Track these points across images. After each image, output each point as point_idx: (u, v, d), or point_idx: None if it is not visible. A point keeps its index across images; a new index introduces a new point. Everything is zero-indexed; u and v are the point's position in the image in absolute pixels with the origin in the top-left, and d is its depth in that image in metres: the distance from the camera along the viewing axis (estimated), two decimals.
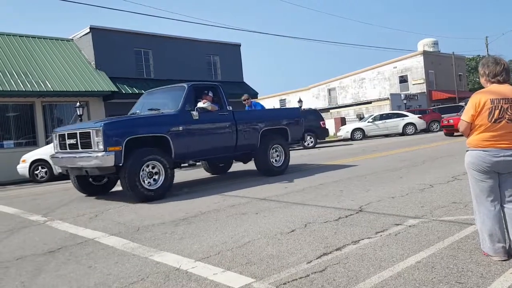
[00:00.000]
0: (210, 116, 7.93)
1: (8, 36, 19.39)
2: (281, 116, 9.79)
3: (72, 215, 6.16)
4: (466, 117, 3.08)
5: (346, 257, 3.33)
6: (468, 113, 3.06)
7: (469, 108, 3.05)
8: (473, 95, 3.10)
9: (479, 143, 3.06)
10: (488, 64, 3.09)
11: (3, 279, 3.46)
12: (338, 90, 44.47)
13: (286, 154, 9.40)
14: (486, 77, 3.11)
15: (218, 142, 8.11)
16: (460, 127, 3.17)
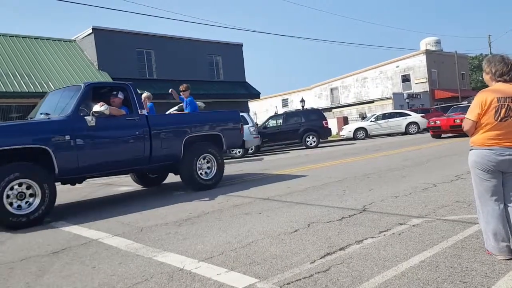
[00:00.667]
0: (113, 122, 6.62)
1: (11, 37, 19.45)
2: (214, 120, 8.25)
3: (75, 216, 6.18)
4: (471, 116, 3.05)
5: (349, 257, 3.33)
6: (474, 111, 3.03)
7: (475, 107, 3.03)
8: (479, 93, 3.08)
9: (484, 141, 3.04)
10: (495, 62, 3.06)
11: (8, 280, 3.47)
12: (340, 89, 44.43)
13: (219, 165, 8.04)
14: (491, 75, 3.09)
15: (123, 153, 6.73)
16: (465, 125, 3.13)
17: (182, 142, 7.47)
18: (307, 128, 19.66)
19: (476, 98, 3.07)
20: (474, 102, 3.06)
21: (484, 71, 3.18)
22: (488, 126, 3.01)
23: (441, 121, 16.93)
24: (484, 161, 3.05)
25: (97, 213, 6.27)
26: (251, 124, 17.15)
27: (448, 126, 16.58)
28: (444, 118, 17.09)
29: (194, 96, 10.37)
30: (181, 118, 8.28)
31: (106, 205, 7.00)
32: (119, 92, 7.00)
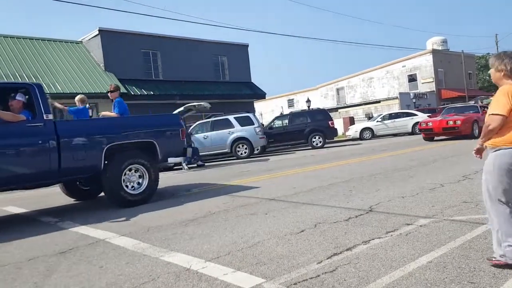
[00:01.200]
0: (7, 129, 5.69)
1: (18, 39, 19.60)
2: (146, 126, 7.18)
3: (83, 216, 6.21)
4: (503, 110, 2.80)
5: (356, 257, 3.32)
6: (506, 106, 2.79)
7: (504, 102, 2.81)
8: (504, 88, 2.88)
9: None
10: (510, 58, 2.91)
11: (16, 279, 3.49)
12: (346, 89, 44.32)
13: (151, 176, 6.94)
14: (505, 72, 2.92)
15: (22, 166, 5.79)
16: (493, 122, 2.84)
17: (102, 151, 6.42)
18: (313, 128, 19.61)
19: (502, 93, 2.85)
20: (500, 97, 2.85)
21: (494, 68, 2.99)
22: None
23: (433, 123, 16.05)
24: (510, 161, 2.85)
25: (104, 213, 6.30)
26: (256, 124, 17.15)
27: (440, 128, 15.65)
28: (436, 120, 16.23)
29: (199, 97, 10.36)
30: (101, 123, 7.22)
31: (113, 205, 7.02)
32: (17, 94, 6.05)
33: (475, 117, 16.01)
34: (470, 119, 15.75)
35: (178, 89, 22.27)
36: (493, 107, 2.88)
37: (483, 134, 3.00)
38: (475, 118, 15.86)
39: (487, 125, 2.91)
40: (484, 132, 2.96)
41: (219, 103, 22.34)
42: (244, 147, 16.62)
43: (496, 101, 2.87)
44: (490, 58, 3.09)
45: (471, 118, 15.82)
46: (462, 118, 15.50)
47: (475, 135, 15.02)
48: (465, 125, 15.32)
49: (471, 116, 16.08)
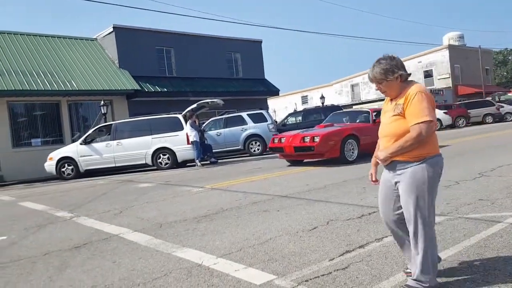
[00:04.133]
0: None
1: (35, 37, 19.87)
2: None
3: (97, 212, 6.29)
4: (433, 116, 2.44)
5: (369, 255, 3.29)
6: (432, 111, 2.44)
7: (429, 106, 2.45)
8: (424, 91, 2.50)
9: (437, 146, 2.63)
10: (401, 63, 2.62)
11: (31, 273, 3.55)
12: (361, 85, 43.95)
13: None
14: (399, 77, 2.57)
15: None
16: (430, 130, 2.44)
17: None
18: None
19: (421, 96, 2.46)
20: (422, 101, 2.44)
21: (386, 81, 2.60)
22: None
23: (286, 138, 10.64)
24: (440, 171, 2.59)
25: (117, 209, 6.36)
26: (270, 121, 17.13)
27: (292, 148, 10.29)
28: (291, 134, 10.88)
29: (213, 93, 10.31)
30: None
31: (127, 201, 7.10)
32: None
33: (352, 130, 10.32)
34: (337, 134, 10.03)
35: (192, 86, 22.33)
36: (427, 112, 2.41)
37: (399, 148, 2.48)
38: (352, 132, 10.22)
39: (414, 136, 2.41)
40: (406, 145, 2.45)
41: (232, 100, 22.34)
42: (257, 144, 16.61)
43: (418, 106, 2.44)
44: (374, 74, 2.65)
45: (342, 133, 10.12)
46: (323, 133, 9.90)
47: (348, 158, 9.97)
48: (325, 145, 9.77)
49: (343, 129, 10.33)
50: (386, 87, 2.63)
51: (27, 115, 17.68)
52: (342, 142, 9.93)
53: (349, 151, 10.10)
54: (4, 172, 16.18)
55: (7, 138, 16.67)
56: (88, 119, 19.30)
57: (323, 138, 9.77)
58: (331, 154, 9.90)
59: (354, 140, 10.18)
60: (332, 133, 10.09)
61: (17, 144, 17.00)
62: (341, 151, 9.89)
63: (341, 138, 9.96)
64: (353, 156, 10.13)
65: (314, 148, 9.75)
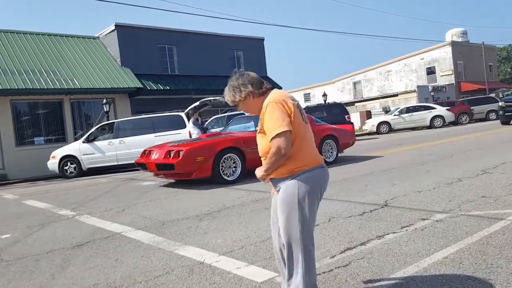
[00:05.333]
0: None
1: (37, 35, 19.90)
2: None
3: (99, 210, 6.30)
4: (285, 126, 2.16)
5: (370, 252, 3.29)
6: (285, 119, 2.18)
7: (280, 115, 2.19)
8: (270, 100, 2.25)
9: (315, 156, 2.35)
10: (250, 79, 2.40)
11: (34, 271, 3.57)
12: (363, 83, 43.85)
13: None
14: (253, 90, 2.36)
15: None
16: (282, 144, 2.16)
17: None
18: (329, 122, 19.47)
19: (272, 107, 2.21)
20: (274, 112, 2.19)
21: (239, 100, 2.43)
22: (301, 133, 2.26)
23: (154, 151, 8.52)
24: (320, 185, 2.33)
25: (120, 207, 6.38)
26: None
27: (153, 165, 8.17)
28: (162, 146, 8.94)
29: (215, 91, 10.28)
30: None
31: (129, 199, 7.11)
32: None
33: (234, 142, 8.23)
34: (208, 148, 7.91)
35: (194, 84, 22.34)
36: (272, 126, 2.17)
37: (269, 165, 2.25)
38: (233, 145, 8.13)
39: (274, 151, 2.17)
40: (272, 161, 2.22)
41: None
42: None
43: (270, 119, 2.19)
44: (226, 97, 2.47)
45: (215, 146, 7.94)
46: (188, 148, 7.80)
47: (225, 177, 7.91)
48: (190, 162, 7.67)
49: (218, 142, 8.10)
50: (244, 107, 2.43)
51: (30, 114, 17.72)
52: (217, 158, 7.78)
53: (228, 168, 8.02)
54: (7, 170, 16.24)
55: (11, 136, 16.72)
56: (91, 117, 19.32)
57: (187, 154, 7.60)
58: (200, 174, 7.75)
59: (237, 155, 8.08)
60: (201, 146, 7.89)
61: (20, 142, 17.05)
62: (214, 169, 7.76)
63: (215, 153, 7.77)
64: (235, 175, 8.05)
65: (175, 166, 7.61)
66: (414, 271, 2.84)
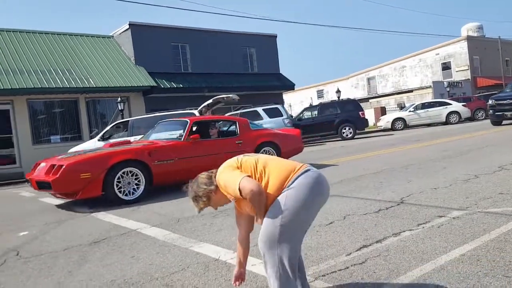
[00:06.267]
0: None
1: (53, 35, 20.16)
2: None
3: (115, 207, 6.37)
4: (241, 173, 2.30)
5: (386, 250, 3.27)
6: (237, 170, 2.34)
7: (235, 171, 2.33)
8: (223, 169, 2.41)
9: None
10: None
11: (52, 268, 3.62)
12: (377, 79, 43.47)
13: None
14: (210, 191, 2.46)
15: None
16: (251, 185, 2.21)
17: None
18: (343, 119, 19.37)
19: (226, 169, 2.38)
20: (228, 172, 2.35)
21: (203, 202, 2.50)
22: None
23: (44, 164, 6.96)
24: None
25: (135, 205, 6.44)
26: (285, 116, 17.07)
27: (34, 182, 6.72)
28: (55, 158, 7.14)
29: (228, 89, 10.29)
30: None
31: (144, 196, 7.17)
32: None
33: (133, 153, 6.79)
34: (98, 161, 6.52)
35: (207, 82, 22.40)
36: (232, 181, 2.25)
37: (259, 211, 2.26)
38: (131, 157, 6.72)
39: (251, 196, 2.18)
40: (258, 206, 2.23)
41: (248, 95, 22.34)
42: None
43: (229, 177, 2.30)
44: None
45: (107, 159, 6.53)
46: (71, 162, 6.41)
47: (121, 197, 6.55)
48: (73, 179, 6.27)
49: (111, 154, 6.66)
50: (215, 203, 2.50)
51: (46, 113, 17.98)
52: (109, 173, 6.42)
53: (128, 186, 6.65)
54: (24, 168, 16.50)
55: (27, 135, 17.00)
56: (106, 116, 19.53)
57: (68, 170, 6.24)
58: (87, 193, 6.38)
59: (139, 169, 6.73)
60: (87, 160, 6.51)
61: (37, 141, 17.31)
62: (106, 187, 6.42)
63: (105, 168, 6.40)
64: (137, 193, 6.70)
65: (51, 185, 6.21)
66: (431, 269, 2.82)
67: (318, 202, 2.33)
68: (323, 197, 2.36)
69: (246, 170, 2.31)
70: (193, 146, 7.33)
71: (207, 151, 7.47)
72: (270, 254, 2.23)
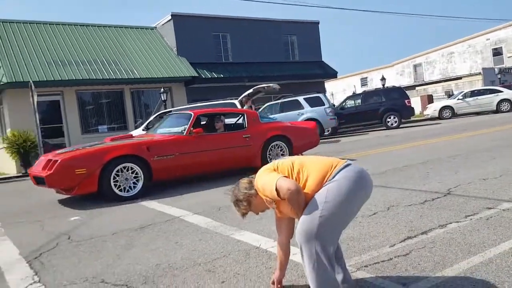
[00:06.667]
0: None
1: (100, 28, 20.82)
2: None
3: (159, 195, 6.55)
4: (277, 174, 2.34)
5: (432, 241, 3.18)
6: (275, 173, 2.37)
7: (273, 173, 2.38)
8: (261, 173, 2.46)
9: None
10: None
11: (101, 251, 3.79)
12: (424, 65, 41.96)
13: None
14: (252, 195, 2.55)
15: None
16: (288, 184, 2.21)
17: None
18: (388, 107, 18.86)
19: (264, 172, 2.44)
20: (267, 174, 2.39)
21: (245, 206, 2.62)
22: None
23: (44, 159, 6.79)
24: None
25: (178, 192, 6.60)
26: (327, 105, 16.85)
27: (32, 177, 6.72)
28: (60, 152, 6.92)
29: (269, 78, 10.24)
30: None
31: (187, 185, 7.32)
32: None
33: (131, 148, 6.56)
34: (93, 157, 6.34)
35: (247, 71, 22.45)
36: (269, 183, 2.27)
37: (298, 210, 2.25)
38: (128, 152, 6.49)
39: (289, 196, 2.18)
40: (297, 205, 2.23)
41: (289, 84, 22.22)
42: None
43: (266, 180, 2.32)
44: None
45: (103, 155, 6.32)
46: (66, 157, 6.27)
47: (118, 193, 6.34)
48: (67, 175, 6.12)
49: (107, 149, 6.44)
50: (256, 208, 2.58)
51: (93, 103, 18.69)
52: (105, 169, 6.23)
53: (126, 181, 6.44)
54: None
55: (77, 125, 17.75)
56: (149, 106, 20.05)
57: (62, 166, 6.10)
58: (82, 189, 6.24)
59: (138, 165, 6.52)
60: (83, 156, 6.34)
61: (85, 130, 18.05)
62: (102, 183, 6.22)
63: (101, 163, 6.22)
64: (135, 189, 6.49)
65: (45, 180, 6.11)
66: (479, 261, 2.71)
67: (360, 196, 2.30)
68: (366, 192, 2.33)
69: (283, 171, 2.31)
70: (196, 140, 7.06)
71: (211, 146, 7.19)
72: (307, 246, 2.22)
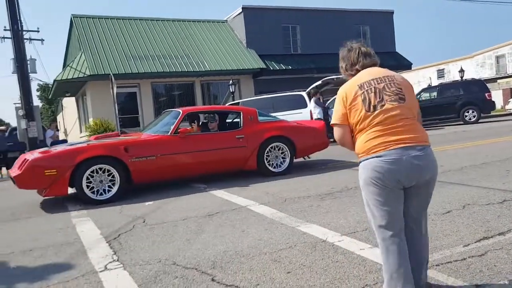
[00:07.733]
0: None
1: (173, 22, 21.64)
2: None
3: (226, 184, 6.72)
4: (337, 119, 2.33)
5: (510, 243, 2.98)
6: (337, 113, 2.32)
7: (337, 109, 2.33)
8: (339, 92, 2.37)
9: (370, 147, 2.20)
10: (343, 56, 2.50)
11: (173, 235, 3.98)
12: (507, 56, 38.85)
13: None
14: (345, 71, 2.51)
15: None
16: (336, 135, 2.38)
17: None
18: (466, 101, 17.73)
19: (337, 99, 2.37)
20: (335, 105, 2.37)
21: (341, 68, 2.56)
22: (364, 124, 2.22)
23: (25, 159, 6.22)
24: (376, 175, 2.17)
25: (244, 182, 6.72)
26: None
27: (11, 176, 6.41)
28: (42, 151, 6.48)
29: (337, 70, 9.99)
30: None
31: (253, 175, 7.43)
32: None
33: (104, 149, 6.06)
34: (63, 157, 5.88)
35: (316, 63, 22.18)
36: (333, 116, 2.39)
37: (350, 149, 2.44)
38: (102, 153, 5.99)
39: (335, 137, 2.43)
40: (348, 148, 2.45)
41: None
42: None
43: (334, 109, 2.39)
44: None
45: (74, 155, 5.86)
46: (36, 157, 5.85)
47: (89, 195, 5.85)
48: (35, 176, 5.73)
49: (79, 149, 5.98)
50: None
51: (166, 95, 19.52)
52: (77, 170, 5.80)
53: (100, 184, 5.97)
54: None
55: (151, 115, 18.65)
56: (218, 98, 20.54)
57: (32, 165, 5.73)
58: (54, 191, 5.87)
59: (114, 166, 6.02)
60: (52, 156, 5.90)
61: None
62: (74, 184, 5.88)
63: (73, 164, 5.77)
64: (111, 193, 6.00)
65: (14, 180, 5.89)
66: None
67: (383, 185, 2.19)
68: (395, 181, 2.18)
69: (348, 116, 2.29)
70: (182, 141, 6.56)
71: (198, 147, 6.70)
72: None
